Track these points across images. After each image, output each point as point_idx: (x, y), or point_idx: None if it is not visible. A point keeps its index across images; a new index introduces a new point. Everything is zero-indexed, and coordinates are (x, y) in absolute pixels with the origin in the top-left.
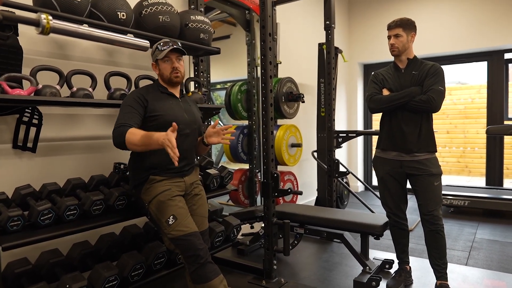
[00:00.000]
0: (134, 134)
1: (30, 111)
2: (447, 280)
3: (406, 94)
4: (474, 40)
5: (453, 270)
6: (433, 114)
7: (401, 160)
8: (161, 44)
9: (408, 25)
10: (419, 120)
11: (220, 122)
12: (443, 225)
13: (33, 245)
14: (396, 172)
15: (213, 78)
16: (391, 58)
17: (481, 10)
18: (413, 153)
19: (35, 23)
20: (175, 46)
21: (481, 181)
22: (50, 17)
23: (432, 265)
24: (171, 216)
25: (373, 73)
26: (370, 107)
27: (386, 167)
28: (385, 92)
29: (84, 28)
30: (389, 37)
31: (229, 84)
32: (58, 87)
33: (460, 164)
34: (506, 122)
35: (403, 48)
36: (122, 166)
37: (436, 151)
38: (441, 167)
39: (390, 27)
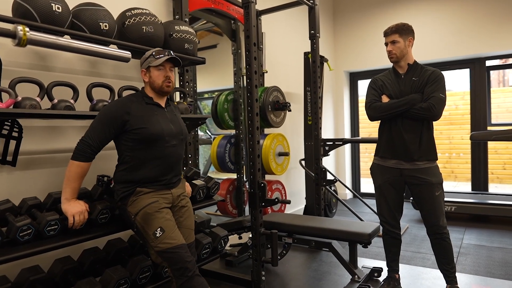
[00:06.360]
0: (74, 172)
1: (9, 124)
2: (456, 284)
3: (406, 102)
4: (457, 48)
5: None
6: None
7: (401, 168)
8: (156, 52)
9: (404, 30)
10: (420, 128)
11: (208, 131)
12: (448, 233)
13: (12, 262)
14: (394, 181)
15: (201, 87)
16: (377, 66)
17: (463, 19)
18: (414, 161)
19: (11, 35)
20: (172, 55)
21: (467, 186)
22: (27, 29)
23: (441, 270)
24: (159, 229)
25: (372, 78)
26: (369, 115)
27: (385, 175)
28: (385, 99)
29: (63, 40)
30: (386, 44)
31: (216, 93)
32: (38, 99)
33: (446, 170)
34: (489, 128)
35: (401, 54)
36: (105, 179)
37: (437, 159)
38: None
39: (386, 34)
